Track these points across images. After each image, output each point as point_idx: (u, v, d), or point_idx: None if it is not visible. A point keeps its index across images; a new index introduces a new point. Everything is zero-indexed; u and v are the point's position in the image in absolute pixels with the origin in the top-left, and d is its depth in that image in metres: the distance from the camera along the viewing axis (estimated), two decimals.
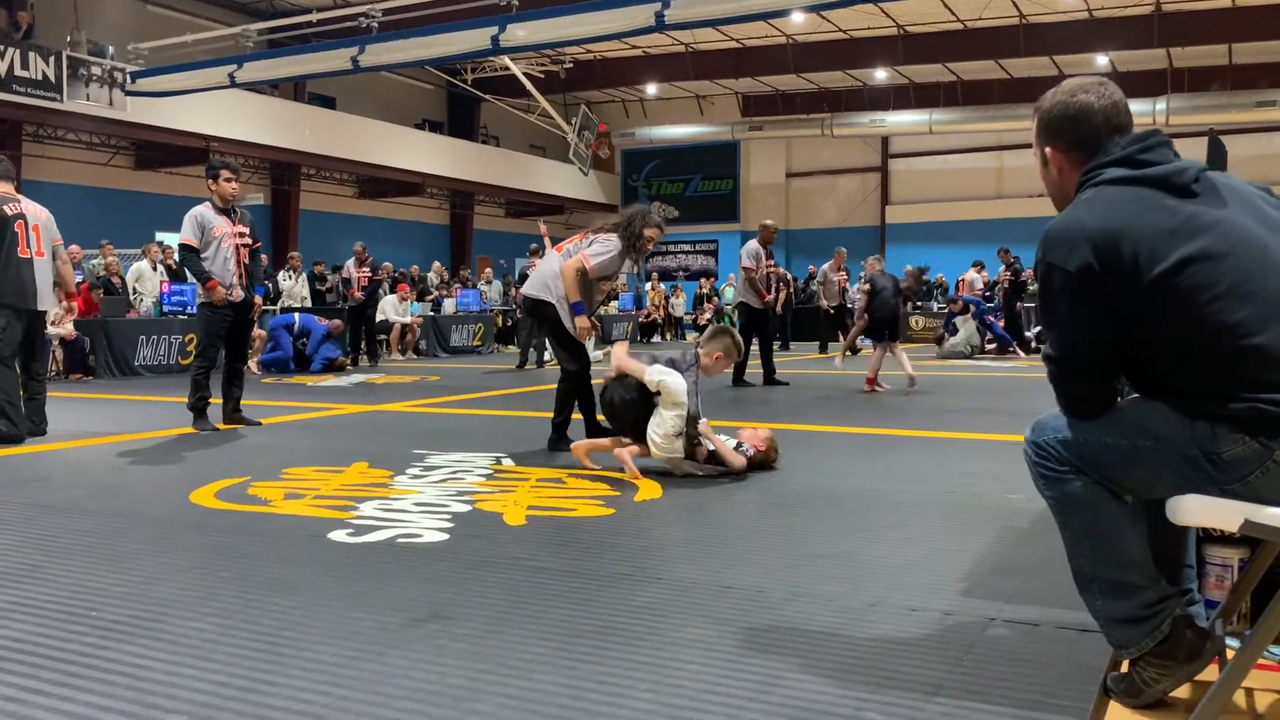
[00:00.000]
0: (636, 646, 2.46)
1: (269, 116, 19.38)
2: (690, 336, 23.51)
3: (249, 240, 6.99)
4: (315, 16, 13.61)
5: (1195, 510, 1.89)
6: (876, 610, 2.74)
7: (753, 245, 10.25)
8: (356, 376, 12.05)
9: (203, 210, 6.82)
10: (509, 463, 5.32)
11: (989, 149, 26.54)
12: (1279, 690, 2.14)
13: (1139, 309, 1.91)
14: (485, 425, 7.28)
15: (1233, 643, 2.10)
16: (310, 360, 13.07)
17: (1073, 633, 2.51)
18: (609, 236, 5.80)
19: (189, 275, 9.24)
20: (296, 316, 13.41)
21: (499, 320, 18.84)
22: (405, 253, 22.10)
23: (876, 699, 2.13)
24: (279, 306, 15.23)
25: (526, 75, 21.41)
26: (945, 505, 4.20)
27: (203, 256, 6.74)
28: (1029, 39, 21.40)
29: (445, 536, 3.62)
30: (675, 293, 24.88)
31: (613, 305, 20.72)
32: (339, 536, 3.62)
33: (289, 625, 2.62)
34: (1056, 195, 2.17)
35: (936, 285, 22.43)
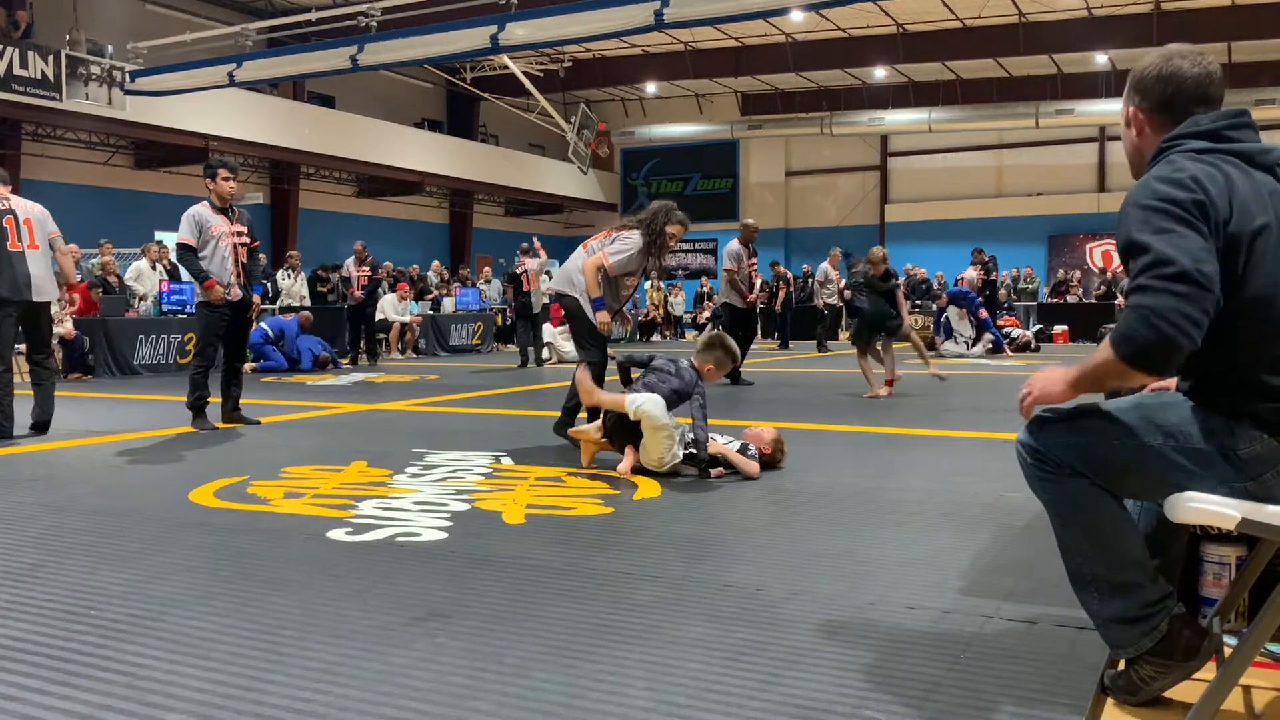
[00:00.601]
0: (635, 644, 2.46)
1: (268, 116, 19.36)
2: (690, 335, 23.51)
3: (247, 239, 6.99)
4: (314, 15, 13.63)
5: (1193, 509, 1.89)
6: (875, 608, 2.74)
7: (734, 245, 10.27)
8: (356, 375, 12.05)
9: (200, 209, 6.82)
10: (508, 461, 5.32)
11: (988, 147, 26.58)
12: (1276, 688, 2.15)
13: (1222, 263, 1.81)
14: (484, 424, 7.29)
15: (1230, 640, 2.11)
16: (298, 360, 13.06)
17: (1070, 630, 2.51)
18: (630, 234, 5.85)
19: (186, 274, 9.27)
20: (265, 326, 13.18)
21: (498, 319, 18.84)
22: (404, 252, 22.11)
23: (875, 697, 2.14)
24: (278, 306, 15.23)
25: (526, 74, 21.40)
26: (943, 503, 4.20)
27: (200, 256, 6.74)
28: (1028, 37, 21.41)
29: (444, 535, 3.63)
30: (674, 291, 24.86)
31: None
32: (338, 535, 3.63)
33: (288, 624, 2.63)
34: (1133, 157, 2.11)
35: (931, 283, 22.35)
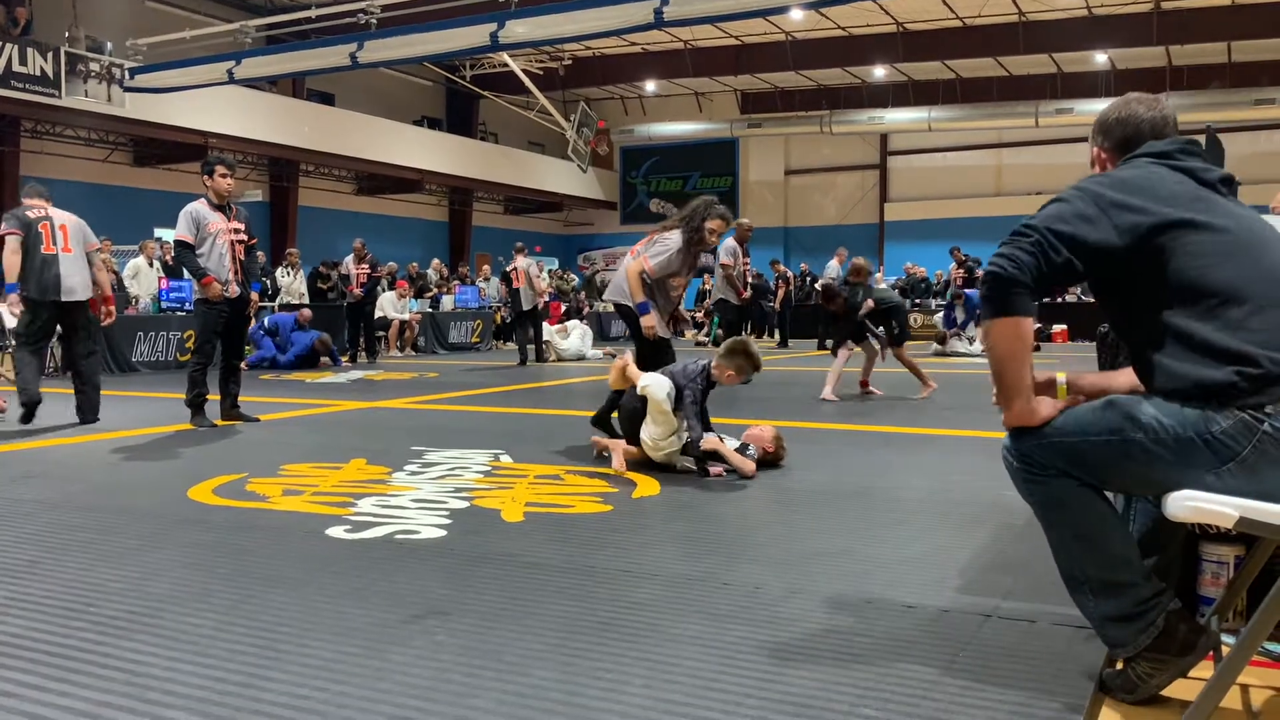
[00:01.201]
0: (634, 642, 2.46)
1: (267, 113, 19.34)
2: (689, 334, 23.48)
3: (244, 236, 6.98)
4: (314, 13, 13.62)
5: (1190, 508, 1.89)
6: (874, 606, 2.75)
7: (730, 243, 10.33)
8: (355, 373, 12.05)
9: (198, 207, 6.82)
10: (507, 459, 5.32)
11: (988, 146, 26.55)
12: (1274, 686, 2.15)
13: (1140, 247, 1.96)
14: (483, 422, 7.28)
15: (1228, 639, 2.11)
16: (289, 345, 13.15)
17: (1069, 629, 2.51)
18: (669, 235, 5.83)
19: (185, 271, 9.29)
20: (266, 319, 13.44)
21: (497, 317, 18.84)
22: (404, 249, 22.08)
23: (873, 694, 2.14)
24: (277, 303, 15.23)
25: (525, 72, 21.39)
26: (942, 502, 4.20)
27: (198, 253, 6.74)
28: (1028, 36, 21.39)
29: (443, 533, 3.63)
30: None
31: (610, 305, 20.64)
32: (337, 533, 3.63)
33: (286, 621, 2.63)
34: None
35: (928, 282, 22.37)
